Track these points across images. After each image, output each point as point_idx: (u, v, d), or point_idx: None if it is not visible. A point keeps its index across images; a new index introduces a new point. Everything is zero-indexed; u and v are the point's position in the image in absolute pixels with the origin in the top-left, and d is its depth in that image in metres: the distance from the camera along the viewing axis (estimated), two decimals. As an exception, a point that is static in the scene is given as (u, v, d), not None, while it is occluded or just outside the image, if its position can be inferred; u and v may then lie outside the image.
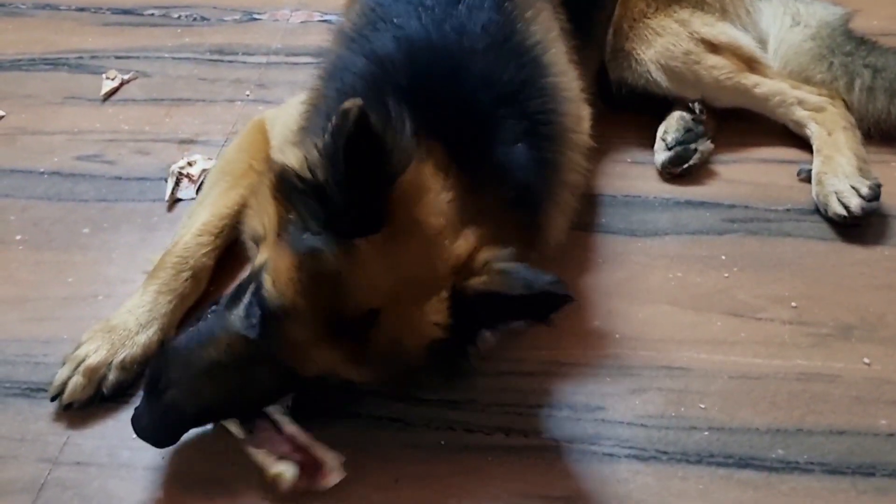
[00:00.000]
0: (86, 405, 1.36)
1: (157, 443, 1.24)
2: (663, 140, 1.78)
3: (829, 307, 1.52)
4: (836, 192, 1.65)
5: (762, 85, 1.81)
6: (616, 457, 1.31)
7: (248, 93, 1.99)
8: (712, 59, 1.79)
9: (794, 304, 1.53)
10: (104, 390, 1.36)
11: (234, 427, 1.28)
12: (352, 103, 1.08)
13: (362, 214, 1.15)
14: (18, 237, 1.65)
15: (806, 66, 1.85)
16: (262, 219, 1.27)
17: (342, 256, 1.15)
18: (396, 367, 1.21)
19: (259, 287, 1.20)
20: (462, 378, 1.28)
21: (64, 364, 1.38)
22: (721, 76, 1.79)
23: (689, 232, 1.65)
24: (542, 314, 1.20)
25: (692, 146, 1.76)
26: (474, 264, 1.20)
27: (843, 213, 1.62)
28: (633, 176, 1.77)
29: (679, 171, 1.76)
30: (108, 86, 2.00)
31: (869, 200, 1.63)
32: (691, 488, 1.28)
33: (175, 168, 1.76)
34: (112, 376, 1.37)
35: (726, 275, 1.58)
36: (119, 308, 1.44)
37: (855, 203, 1.62)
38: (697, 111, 1.80)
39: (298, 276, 1.16)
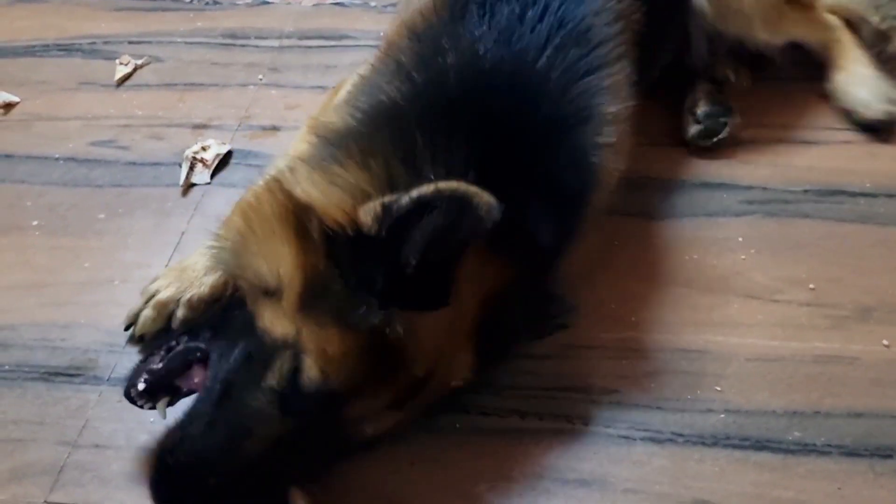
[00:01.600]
0: (155, 339, 1.38)
1: None
2: (692, 113, 1.76)
3: (848, 289, 1.50)
4: (861, 101, 1.78)
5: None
6: (631, 439, 1.31)
7: (261, 77, 1.98)
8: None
9: (811, 286, 1.51)
10: (172, 325, 1.39)
11: None
12: (487, 202, 1.00)
13: (438, 289, 1.09)
14: (35, 223, 1.66)
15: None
16: (277, 266, 1.11)
17: (406, 332, 1.08)
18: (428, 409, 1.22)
19: (297, 371, 1.08)
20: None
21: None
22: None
23: (706, 214, 1.64)
24: (543, 334, 1.32)
25: (721, 119, 1.74)
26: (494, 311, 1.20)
27: (875, 118, 1.76)
28: (650, 158, 1.75)
29: (710, 143, 1.74)
30: (121, 71, 2.00)
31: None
32: (707, 470, 1.27)
33: (189, 153, 1.76)
34: (180, 312, 1.39)
35: (743, 257, 1.56)
36: (191, 253, 1.47)
37: (881, 109, 1.76)
38: (730, 77, 1.78)
39: (358, 360, 1.07)
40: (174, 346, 1.24)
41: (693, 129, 1.75)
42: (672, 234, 1.60)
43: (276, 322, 1.12)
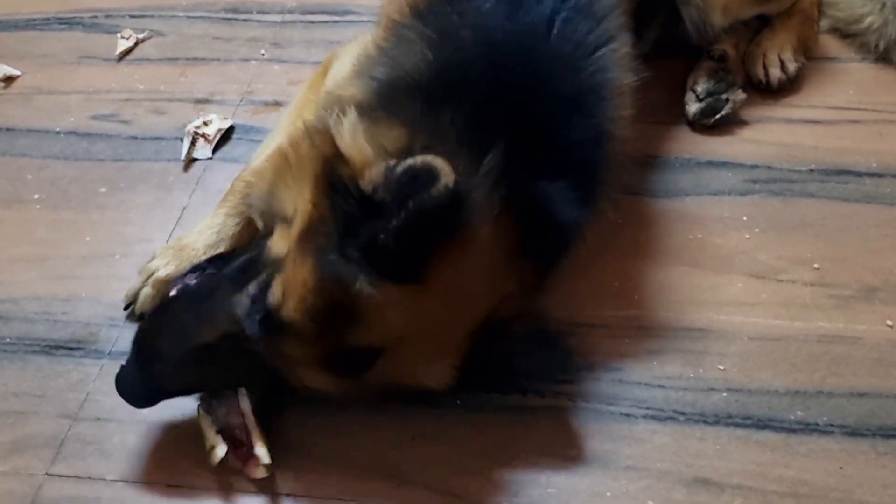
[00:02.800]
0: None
1: (136, 404, 1.22)
2: (693, 91, 1.75)
3: (853, 269, 1.49)
4: (764, 57, 1.80)
5: None
6: (633, 417, 1.31)
7: (263, 52, 1.97)
8: None
9: (816, 265, 1.50)
10: None
11: None
12: (447, 177, 1.02)
13: (409, 262, 1.09)
14: (36, 196, 1.66)
15: None
16: (297, 201, 1.17)
17: (367, 294, 1.09)
18: (384, 390, 1.21)
19: (268, 286, 1.14)
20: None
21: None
22: None
23: (710, 192, 1.63)
24: None
25: (724, 96, 1.73)
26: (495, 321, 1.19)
27: (763, 79, 1.79)
28: (653, 136, 1.73)
29: (711, 121, 1.72)
30: (123, 45, 1.98)
31: (790, 79, 1.79)
32: (708, 448, 1.27)
33: (191, 128, 1.75)
34: None
35: (747, 236, 1.56)
36: (191, 229, 1.46)
37: (775, 75, 1.78)
38: (720, 57, 1.77)
39: (314, 298, 1.10)
40: (205, 269, 1.29)
41: (694, 107, 1.74)
42: (676, 212, 1.59)
43: (279, 242, 1.19)
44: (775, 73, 1.80)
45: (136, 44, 1.99)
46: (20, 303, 1.47)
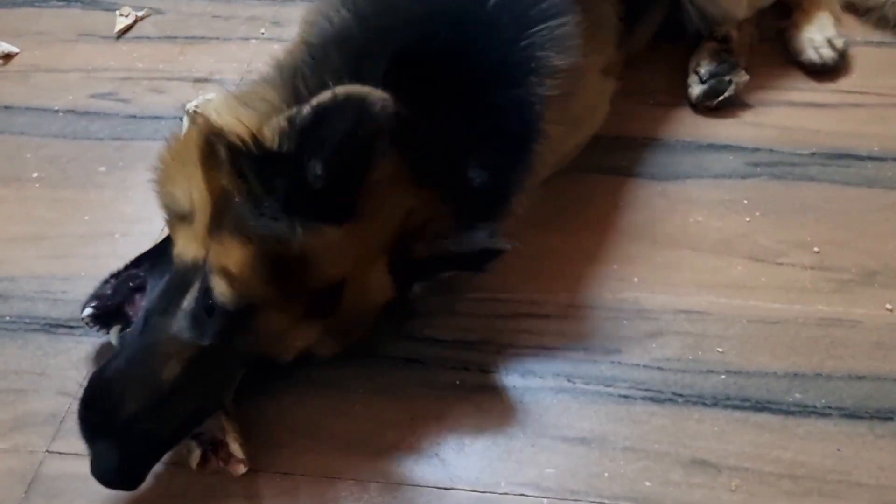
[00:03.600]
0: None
1: (134, 482, 1.12)
2: (696, 73, 1.74)
3: (853, 253, 1.49)
4: (811, 41, 1.80)
5: None
6: (632, 399, 1.31)
7: (263, 31, 1.95)
8: None
9: (816, 249, 1.50)
10: None
11: None
12: (381, 97, 1.01)
13: (336, 202, 1.08)
14: (35, 174, 1.65)
15: None
16: (190, 191, 1.14)
17: (308, 240, 1.08)
18: (360, 331, 1.20)
19: (207, 292, 1.10)
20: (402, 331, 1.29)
21: None
22: None
23: (711, 175, 1.62)
24: (479, 265, 1.22)
25: (727, 78, 1.72)
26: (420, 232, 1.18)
27: (817, 61, 1.78)
28: (655, 118, 1.73)
29: (714, 104, 1.72)
30: (121, 23, 1.97)
31: (841, 56, 1.79)
32: (707, 430, 1.28)
33: (190, 106, 1.74)
34: None
35: (748, 219, 1.55)
36: None
37: (829, 55, 1.79)
38: (723, 38, 1.76)
39: (261, 267, 1.07)
40: (119, 273, 1.27)
41: (697, 90, 1.73)
42: (677, 195, 1.59)
43: (187, 246, 1.15)
44: (828, 54, 1.79)
45: (135, 21, 1.98)
46: (19, 281, 1.47)
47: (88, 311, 1.27)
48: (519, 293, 1.43)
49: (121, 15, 1.98)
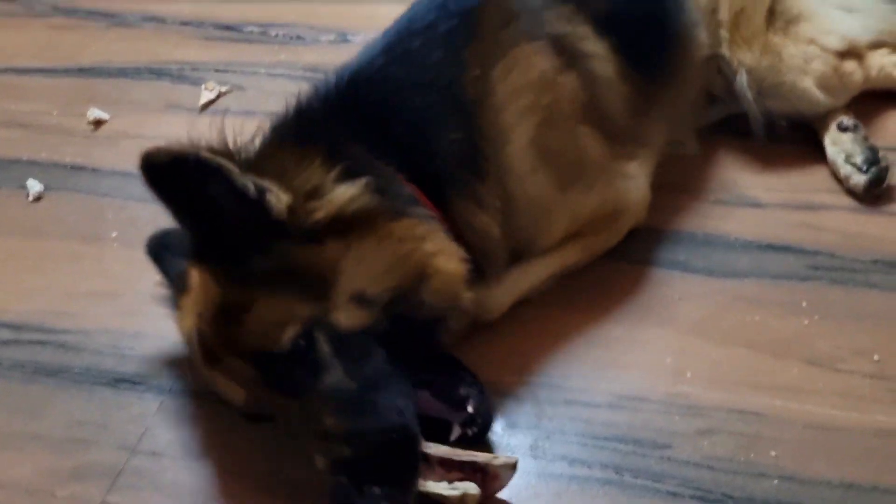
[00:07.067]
0: None
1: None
2: (852, 164, 1.74)
3: (914, 363, 1.47)
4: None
5: (873, 66, 1.84)
6: (680, 496, 1.29)
7: (337, 111, 2.04)
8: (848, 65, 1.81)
9: (876, 357, 1.48)
10: None
11: None
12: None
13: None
14: (114, 234, 1.74)
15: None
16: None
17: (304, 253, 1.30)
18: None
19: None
20: None
21: None
22: (857, 76, 1.82)
23: (771, 276, 1.62)
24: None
25: (882, 163, 1.73)
26: None
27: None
28: (715, 215, 1.74)
29: (879, 190, 1.73)
30: (206, 97, 2.09)
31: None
32: (757, 536, 1.25)
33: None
34: None
35: (806, 322, 1.54)
36: None
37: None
38: (854, 126, 1.78)
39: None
40: None
41: (861, 179, 1.72)
42: (735, 293, 1.59)
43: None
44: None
45: (218, 96, 2.09)
46: (91, 335, 1.54)
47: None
48: (571, 380, 1.44)
49: (205, 89, 2.11)
